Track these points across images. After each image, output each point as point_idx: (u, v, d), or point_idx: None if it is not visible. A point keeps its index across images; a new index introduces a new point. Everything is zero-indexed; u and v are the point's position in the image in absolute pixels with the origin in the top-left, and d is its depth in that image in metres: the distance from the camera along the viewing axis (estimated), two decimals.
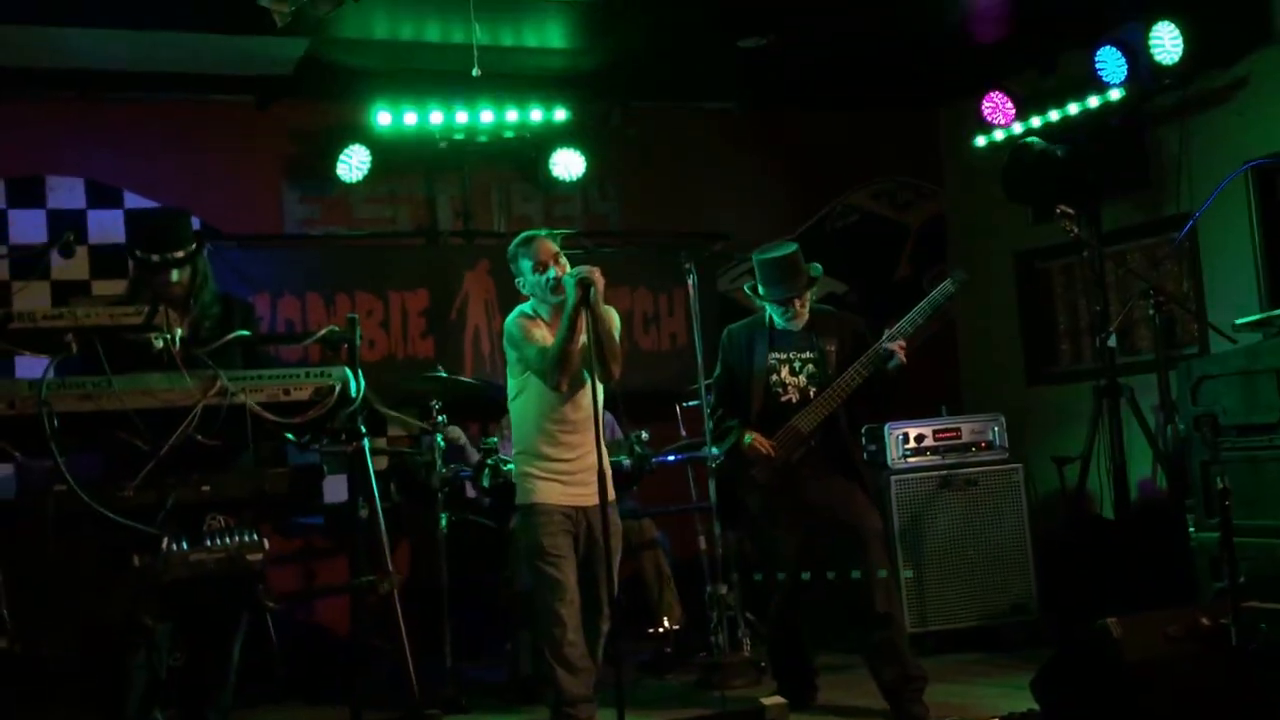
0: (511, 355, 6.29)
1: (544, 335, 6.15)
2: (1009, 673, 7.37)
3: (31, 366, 5.33)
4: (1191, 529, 7.27)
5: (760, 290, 6.81)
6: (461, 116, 9.40)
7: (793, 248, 6.76)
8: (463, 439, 8.42)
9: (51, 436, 4.63)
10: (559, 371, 6.04)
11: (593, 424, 6.02)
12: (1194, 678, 5.12)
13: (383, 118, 9.28)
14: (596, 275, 5.91)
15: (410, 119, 9.33)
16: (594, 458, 5.95)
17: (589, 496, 6.01)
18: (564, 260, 6.19)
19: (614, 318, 6.26)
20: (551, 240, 6.25)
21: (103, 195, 9.17)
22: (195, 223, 8.49)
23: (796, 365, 6.65)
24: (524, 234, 6.34)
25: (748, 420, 6.68)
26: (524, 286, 6.28)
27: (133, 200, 9.16)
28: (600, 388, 6.06)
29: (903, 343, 6.48)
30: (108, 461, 5.24)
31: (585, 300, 5.87)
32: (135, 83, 9.09)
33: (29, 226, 8.97)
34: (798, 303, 6.70)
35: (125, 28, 8.14)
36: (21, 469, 5.43)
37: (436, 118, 9.35)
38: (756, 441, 6.56)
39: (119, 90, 9.18)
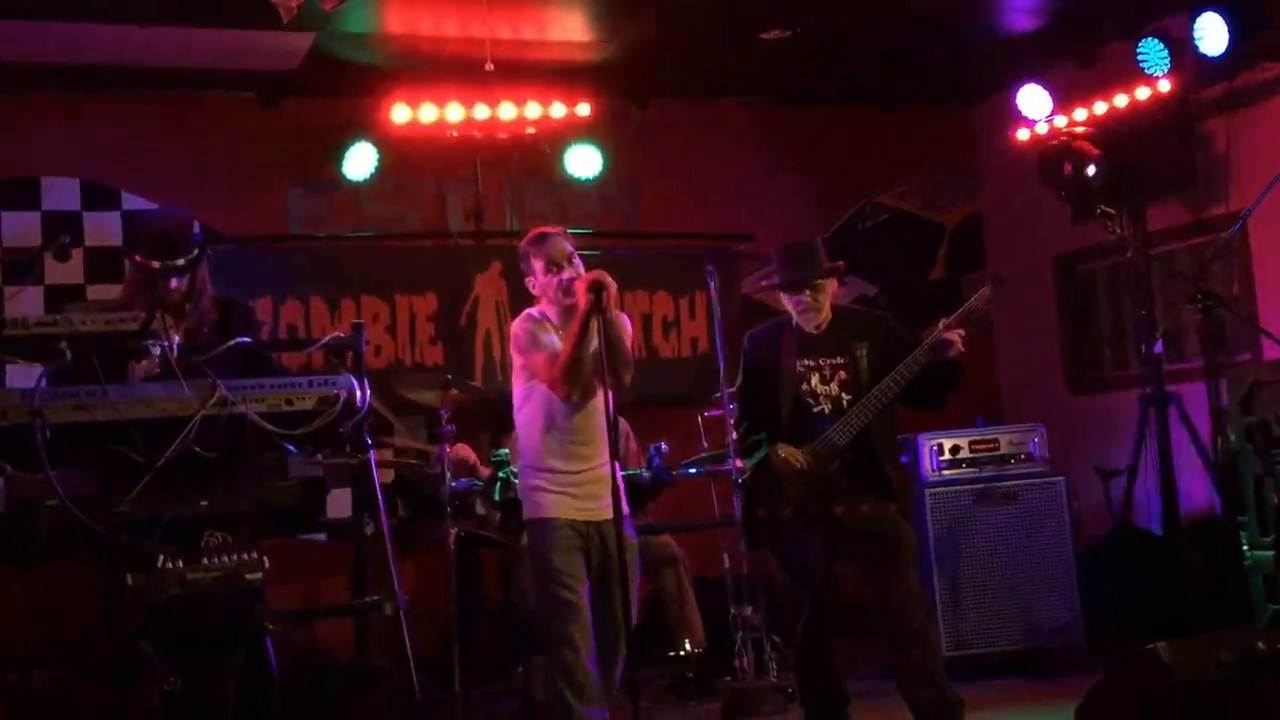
0: (518, 361, 6.24)
1: (552, 340, 6.09)
2: (1052, 699, 7.32)
3: (22, 376, 5.30)
4: (1245, 546, 7.21)
5: (777, 282, 6.75)
6: (474, 112, 9.37)
7: (814, 240, 6.72)
8: (472, 458, 8.38)
9: (43, 448, 4.60)
10: (568, 381, 5.96)
11: (604, 434, 5.96)
12: (1249, 705, 5.06)
13: (391, 113, 9.25)
14: (609, 280, 5.85)
15: (420, 115, 9.29)
16: (606, 469, 5.90)
17: (601, 510, 5.94)
18: (578, 261, 6.13)
19: (626, 325, 6.20)
20: (565, 239, 6.19)
21: (99, 196, 9.19)
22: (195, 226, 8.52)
23: (827, 373, 6.57)
24: (537, 231, 6.28)
25: (777, 432, 6.60)
26: (534, 286, 6.22)
27: (131, 201, 9.17)
28: (611, 396, 6.00)
29: (961, 331, 6.39)
30: (102, 475, 5.22)
31: (597, 306, 5.80)
32: (134, 78, 9.11)
33: (22, 229, 8.98)
34: (809, 292, 6.61)
35: (124, 22, 8.13)
36: (11, 483, 5.40)
37: (448, 113, 9.31)
38: (789, 455, 6.48)
39: (117, 86, 9.20)
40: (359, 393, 5.08)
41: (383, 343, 9.49)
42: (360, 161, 9.37)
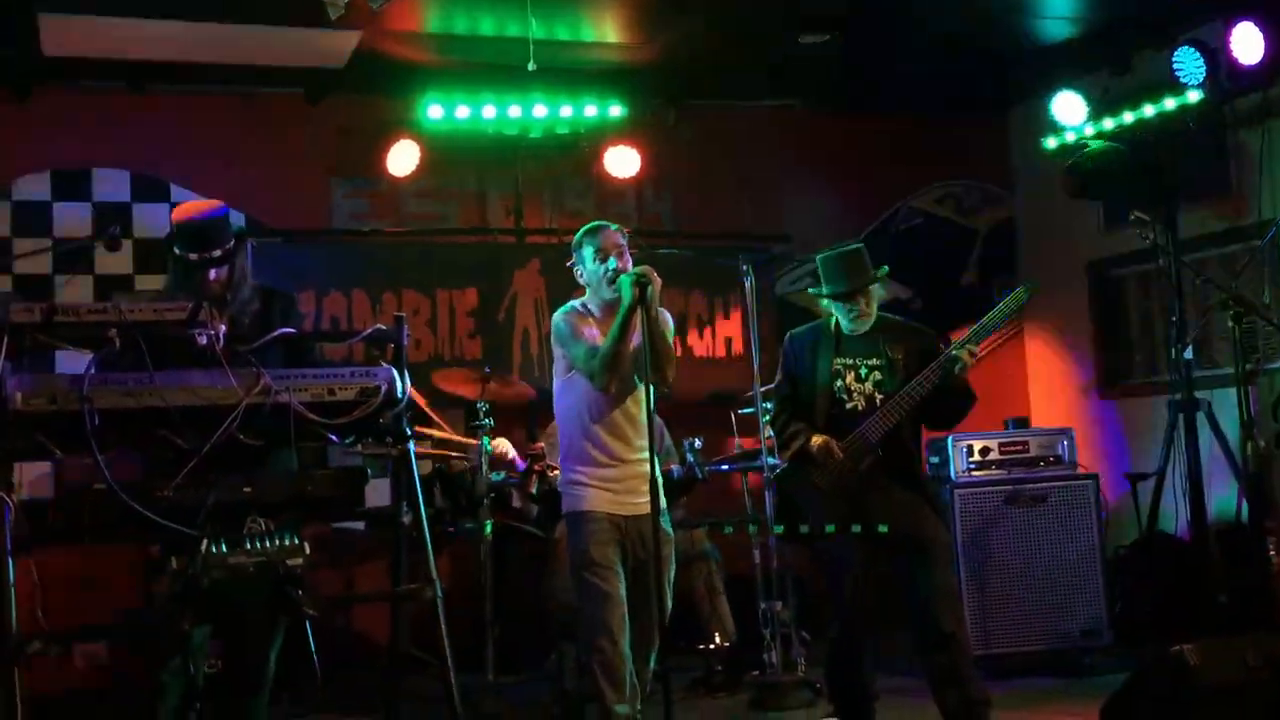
0: (558, 353, 6.24)
1: (593, 334, 6.10)
2: (1078, 699, 7.28)
3: (68, 363, 5.33)
4: (1271, 552, 7.17)
5: (823, 289, 6.73)
6: (514, 111, 9.41)
7: (858, 245, 6.69)
8: (511, 453, 8.39)
9: (92, 433, 4.62)
10: (607, 373, 5.98)
11: (644, 430, 5.96)
12: (1274, 708, 5.03)
13: (434, 112, 9.30)
14: (653, 275, 5.86)
15: (462, 113, 9.35)
16: (645, 465, 5.88)
17: (639, 505, 5.95)
18: (628, 256, 6.13)
19: (668, 322, 6.21)
20: (620, 234, 6.19)
21: (149, 188, 9.24)
22: (239, 218, 8.57)
23: (863, 371, 6.56)
24: (592, 223, 6.30)
25: (814, 428, 6.59)
26: (581, 275, 6.22)
27: (179, 194, 9.18)
28: (652, 392, 5.99)
29: (972, 349, 6.38)
30: (147, 460, 5.24)
31: (641, 300, 5.81)
32: (184, 75, 9.14)
33: (74, 219, 9.04)
34: (862, 300, 6.60)
35: (175, 18, 8.16)
36: (59, 466, 5.43)
37: (489, 112, 9.37)
38: (827, 443, 6.45)
39: (167, 82, 9.24)
40: (399, 384, 5.10)
41: (423, 336, 9.52)
42: (403, 158, 9.41)
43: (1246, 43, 8.33)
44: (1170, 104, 8.95)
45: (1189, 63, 8.62)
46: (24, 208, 9.01)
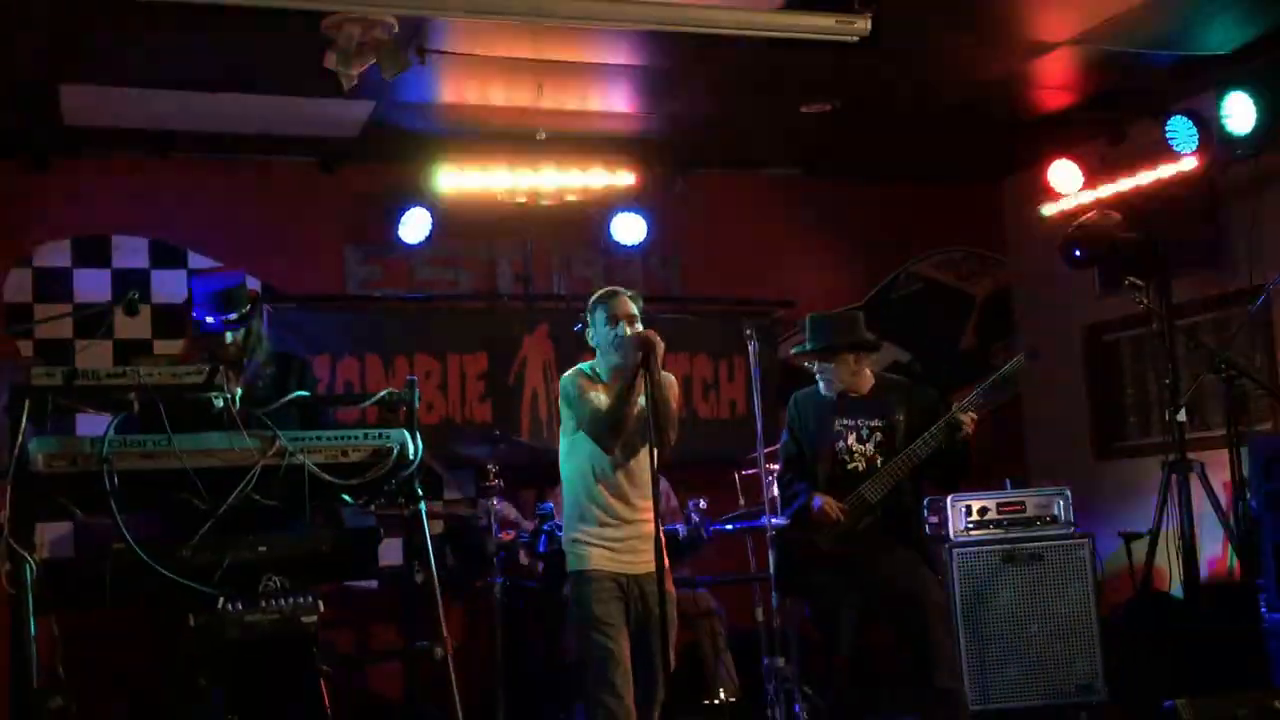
0: (565, 413, 6.31)
1: (600, 396, 6.16)
2: None
3: (88, 424, 5.38)
4: (1264, 609, 7.18)
5: (803, 347, 6.83)
6: (524, 179, 9.44)
7: (853, 313, 6.78)
8: (513, 515, 8.44)
9: (112, 494, 4.68)
10: (611, 435, 6.05)
11: (647, 490, 6.01)
12: None
13: (445, 180, 9.32)
14: (656, 339, 5.93)
15: (473, 182, 9.36)
16: (649, 525, 5.95)
17: (642, 564, 6.02)
18: (639, 326, 6.19)
19: (673, 385, 6.27)
20: (633, 302, 6.27)
21: (166, 255, 9.31)
22: (254, 284, 8.62)
23: (864, 433, 6.64)
24: (608, 288, 6.39)
25: (815, 487, 6.66)
26: (592, 338, 6.30)
27: (196, 260, 9.30)
28: (655, 454, 6.05)
29: (974, 415, 6.45)
30: (165, 520, 5.29)
31: (644, 363, 5.88)
32: (202, 143, 9.23)
33: (94, 285, 9.11)
34: (834, 364, 6.66)
35: (194, 89, 8.26)
36: (79, 527, 5.48)
37: (499, 180, 9.38)
38: (826, 505, 6.52)
39: (185, 151, 9.32)
40: (411, 446, 5.16)
41: (434, 399, 9.55)
42: (415, 226, 9.45)
43: (1238, 113, 8.40)
44: (1164, 172, 9.03)
45: (1183, 132, 8.70)
46: (45, 274, 9.09)
